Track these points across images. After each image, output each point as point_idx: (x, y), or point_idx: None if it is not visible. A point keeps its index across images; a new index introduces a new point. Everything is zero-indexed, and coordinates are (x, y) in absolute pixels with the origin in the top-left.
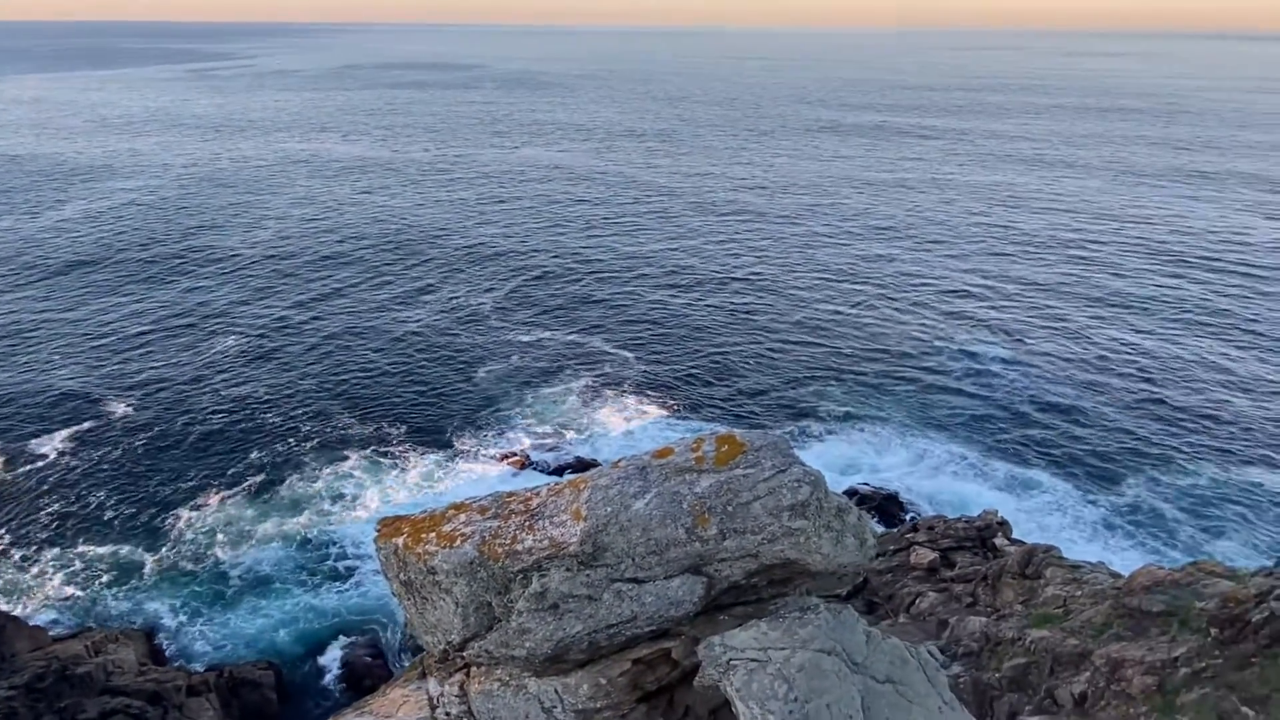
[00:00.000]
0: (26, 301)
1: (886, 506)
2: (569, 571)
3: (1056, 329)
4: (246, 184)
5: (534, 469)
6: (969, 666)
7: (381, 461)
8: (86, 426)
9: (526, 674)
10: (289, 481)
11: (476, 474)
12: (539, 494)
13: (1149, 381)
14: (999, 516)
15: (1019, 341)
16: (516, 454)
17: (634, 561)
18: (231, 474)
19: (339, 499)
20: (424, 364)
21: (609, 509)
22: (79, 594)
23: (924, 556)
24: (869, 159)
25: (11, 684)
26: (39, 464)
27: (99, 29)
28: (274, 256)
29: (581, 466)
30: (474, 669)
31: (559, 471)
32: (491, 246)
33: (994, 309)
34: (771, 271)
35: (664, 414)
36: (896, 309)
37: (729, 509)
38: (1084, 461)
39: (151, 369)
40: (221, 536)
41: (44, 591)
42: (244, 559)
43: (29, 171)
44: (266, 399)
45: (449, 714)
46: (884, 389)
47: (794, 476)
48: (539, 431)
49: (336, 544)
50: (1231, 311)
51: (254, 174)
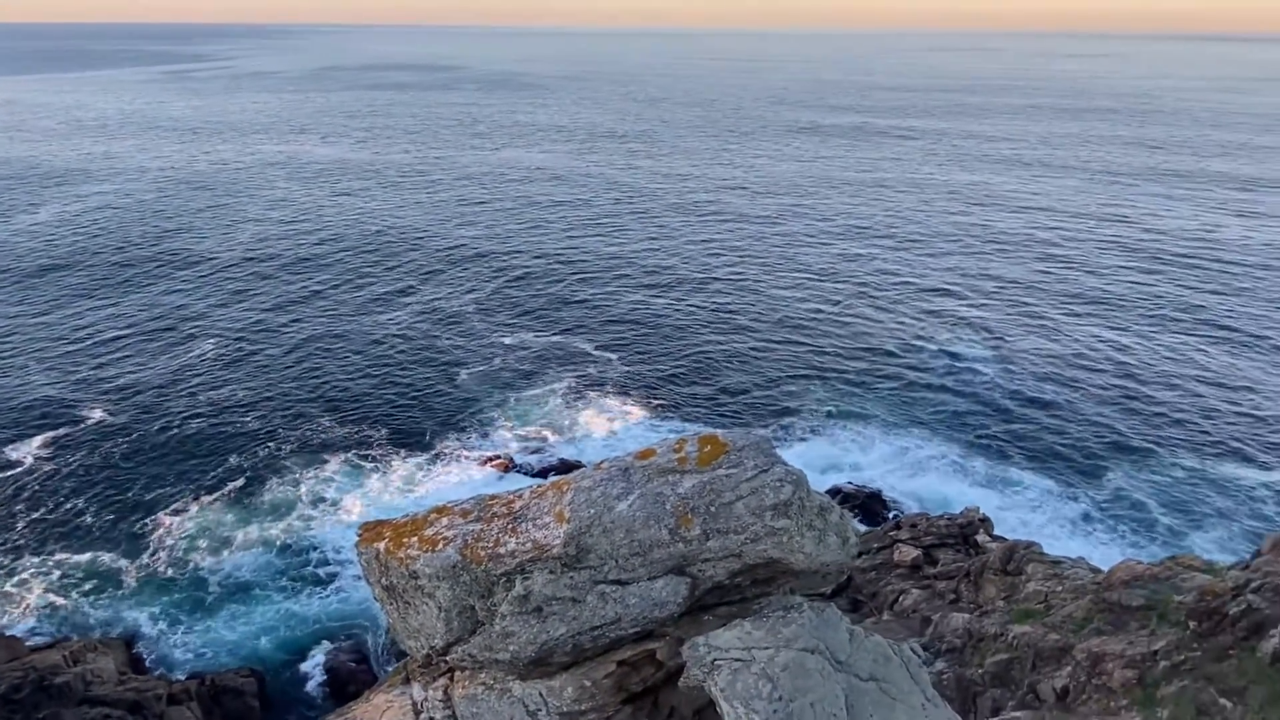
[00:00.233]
0: (0, 306)
1: (869, 505)
2: (552, 574)
3: (1035, 326)
4: (224, 187)
5: (518, 471)
6: (952, 663)
7: (362, 465)
8: (62, 432)
9: (511, 677)
10: (269, 486)
11: (459, 477)
12: (522, 496)
13: (1127, 377)
14: (980, 513)
15: (999, 339)
16: (500, 456)
17: (617, 563)
18: (211, 479)
19: (320, 503)
20: (405, 366)
21: (592, 511)
22: (56, 603)
23: (907, 554)
24: (849, 160)
25: None
26: (14, 471)
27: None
28: (252, 259)
29: (565, 468)
30: (458, 673)
31: (543, 474)
32: (473, 248)
33: (974, 307)
34: (753, 271)
35: (647, 414)
36: (877, 308)
37: (712, 509)
38: (1064, 457)
39: (128, 373)
40: (201, 543)
41: (20, 601)
42: (224, 565)
43: (1, 175)
44: (245, 403)
45: (433, 719)
46: (866, 387)
47: (776, 476)
48: (522, 433)
49: (318, 549)
50: (1206, 308)
51: (231, 176)
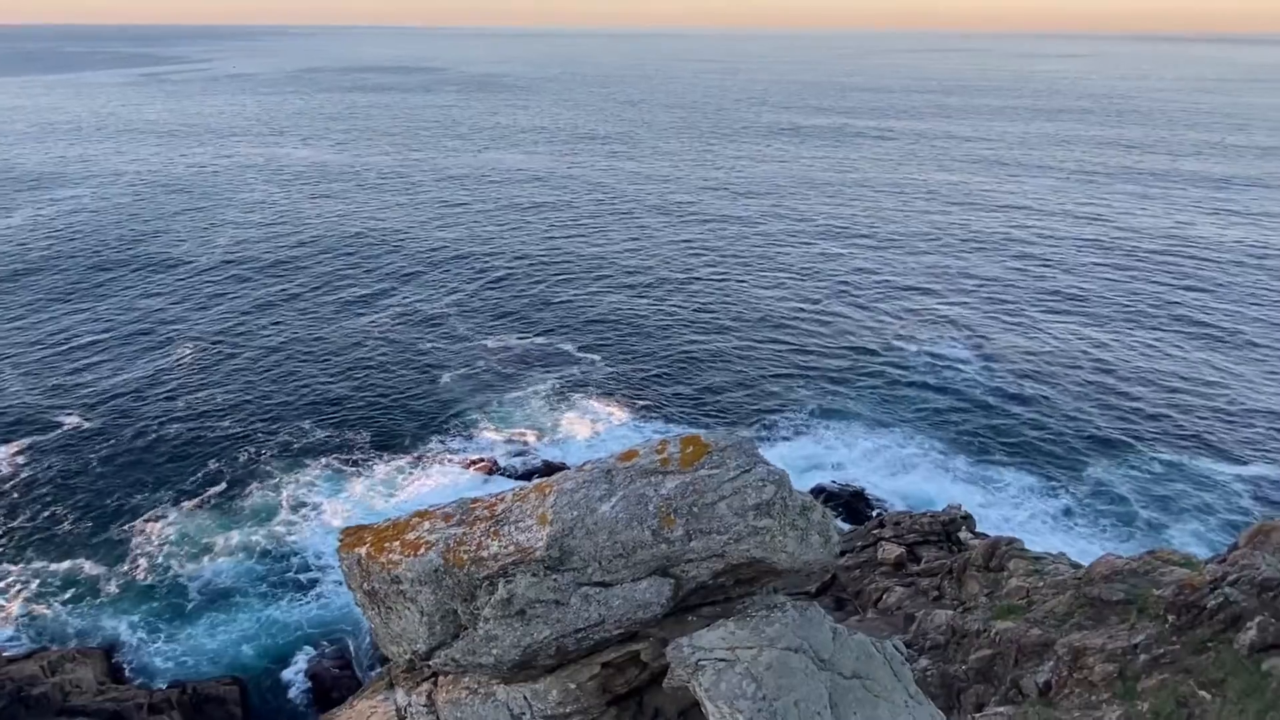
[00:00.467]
0: None
1: (853, 503)
2: (535, 577)
3: (1014, 324)
4: (201, 189)
5: (502, 474)
6: (936, 659)
7: (344, 469)
8: (37, 439)
9: (494, 681)
10: (249, 491)
11: (442, 480)
12: (504, 499)
13: (1104, 373)
14: (963, 510)
15: (979, 337)
16: (483, 459)
17: (601, 565)
18: (190, 485)
19: (301, 508)
20: (387, 369)
21: (575, 513)
22: (33, 612)
23: (891, 552)
24: (829, 161)
25: None
26: None
27: (44, 33)
28: (231, 262)
29: (550, 470)
30: (441, 678)
31: (527, 476)
32: (454, 250)
33: (954, 305)
34: (735, 272)
35: (630, 415)
36: (858, 307)
37: (694, 510)
38: (1045, 453)
39: (105, 378)
40: (181, 549)
41: None
42: (204, 572)
43: None
44: (225, 407)
45: None
46: (848, 385)
47: (758, 476)
48: (505, 436)
49: (299, 554)
50: (1180, 304)
51: (209, 179)
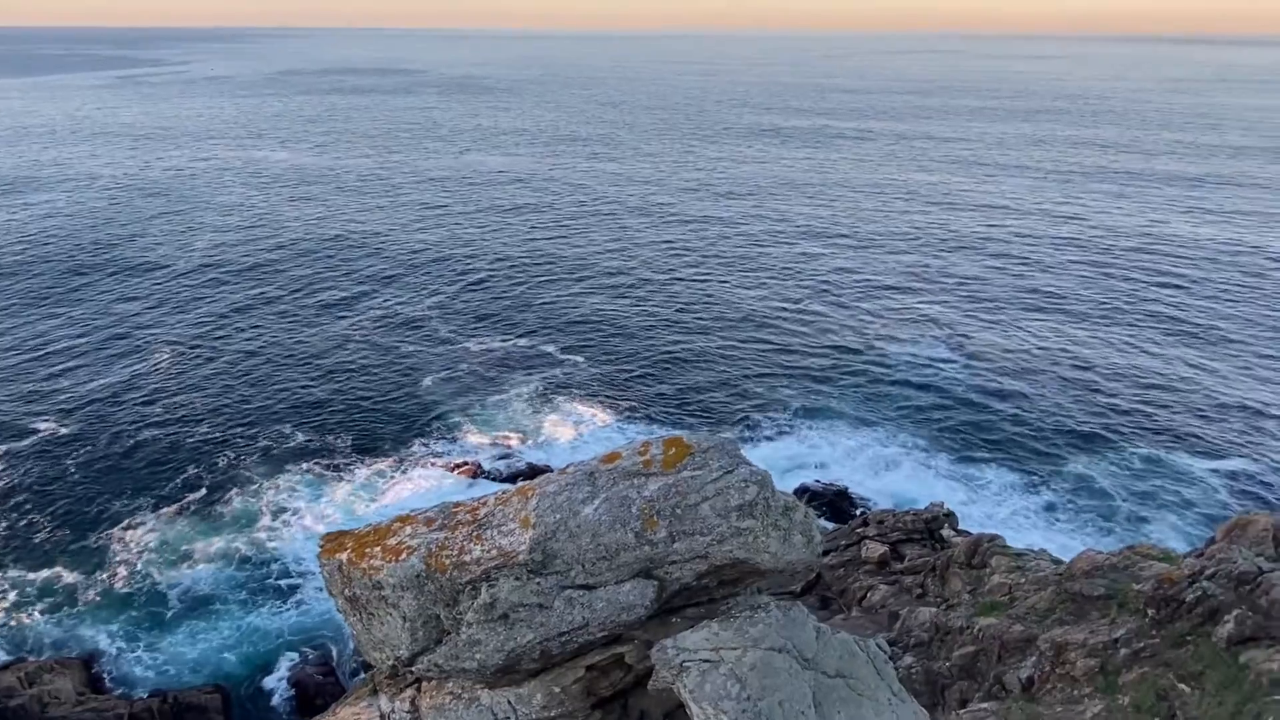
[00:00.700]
0: None
1: (837, 502)
2: (518, 580)
3: (993, 322)
4: (178, 193)
5: (486, 477)
6: (920, 657)
7: (325, 475)
8: (12, 445)
9: (479, 686)
10: (229, 497)
11: (426, 485)
12: (486, 503)
13: (1083, 370)
14: (945, 508)
15: (960, 336)
16: (466, 463)
17: (584, 568)
18: (168, 491)
19: (281, 514)
20: (368, 372)
21: (557, 516)
22: (10, 622)
23: (874, 550)
24: (809, 162)
25: None
26: None
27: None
28: (209, 265)
29: (534, 473)
30: (425, 684)
31: (511, 479)
32: (435, 252)
33: (935, 304)
34: (717, 273)
35: (613, 417)
36: (839, 306)
37: (677, 511)
38: (1026, 450)
39: (81, 383)
40: (159, 557)
41: None
42: (184, 579)
43: None
44: (203, 412)
45: None
46: (830, 385)
47: (741, 477)
48: (488, 439)
49: (279, 560)
50: (1157, 301)
51: (186, 182)
